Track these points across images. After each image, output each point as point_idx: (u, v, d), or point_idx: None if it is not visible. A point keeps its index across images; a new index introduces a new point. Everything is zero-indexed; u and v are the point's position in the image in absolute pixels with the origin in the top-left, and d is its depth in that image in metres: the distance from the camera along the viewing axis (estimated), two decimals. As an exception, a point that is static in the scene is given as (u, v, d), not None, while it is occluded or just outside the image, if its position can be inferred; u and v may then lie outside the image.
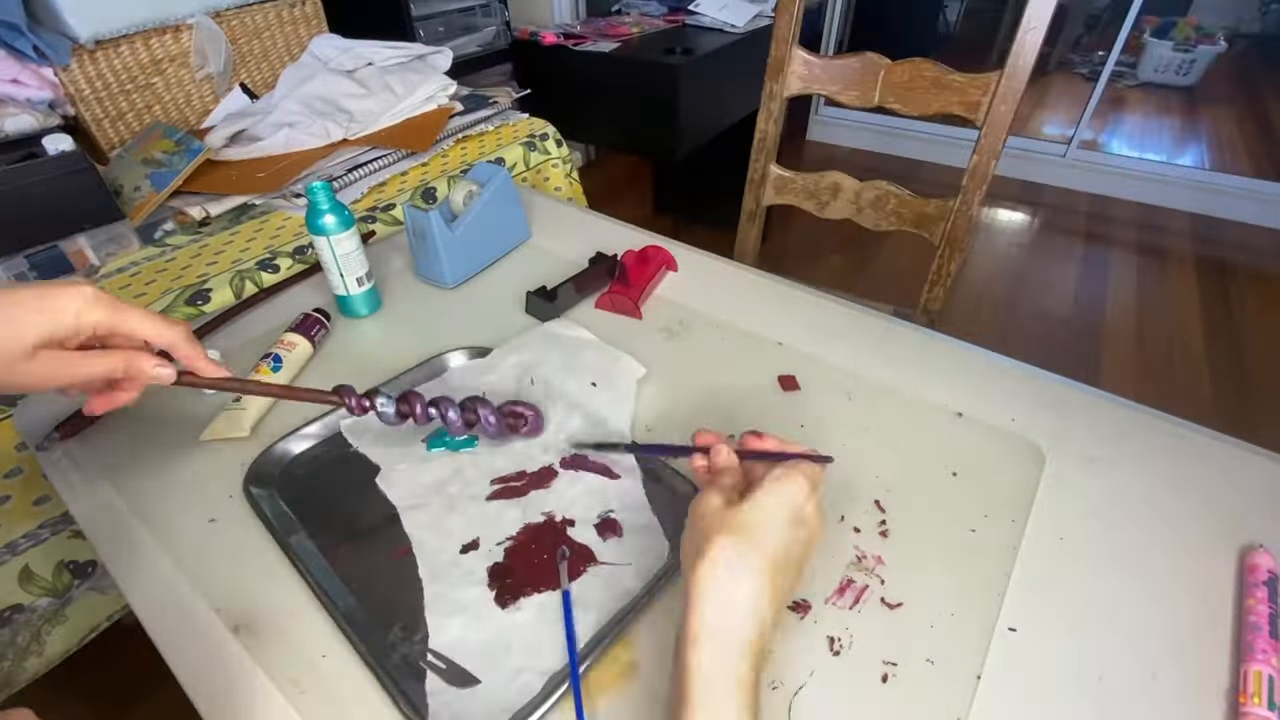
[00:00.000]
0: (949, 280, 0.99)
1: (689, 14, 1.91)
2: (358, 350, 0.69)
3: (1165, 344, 1.80)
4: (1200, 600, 0.45)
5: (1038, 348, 1.80)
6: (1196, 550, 0.48)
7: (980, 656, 0.41)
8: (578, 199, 1.27)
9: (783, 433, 0.57)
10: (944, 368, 0.65)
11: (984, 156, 0.88)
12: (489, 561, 0.47)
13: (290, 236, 0.88)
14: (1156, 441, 0.57)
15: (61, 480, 0.55)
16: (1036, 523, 0.50)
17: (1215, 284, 2.05)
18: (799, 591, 0.44)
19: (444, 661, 0.41)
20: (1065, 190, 2.61)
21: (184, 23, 1.06)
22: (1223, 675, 0.41)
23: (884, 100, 0.95)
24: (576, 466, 0.54)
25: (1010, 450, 0.56)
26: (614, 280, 0.75)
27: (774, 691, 0.40)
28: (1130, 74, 3.42)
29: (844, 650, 0.42)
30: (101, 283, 0.79)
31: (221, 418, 0.58)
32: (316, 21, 1.25)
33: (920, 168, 2.81)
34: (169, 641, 0.43)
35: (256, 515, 0.51)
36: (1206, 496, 0.52)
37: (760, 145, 1.05)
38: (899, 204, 0.99)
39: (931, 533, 0.49)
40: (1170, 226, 2.37)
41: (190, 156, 0.89)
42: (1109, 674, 0.41)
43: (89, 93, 0.98)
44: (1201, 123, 3.06)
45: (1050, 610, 0.44)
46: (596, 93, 1.71)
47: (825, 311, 0.73)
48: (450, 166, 1.07)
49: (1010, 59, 0.82)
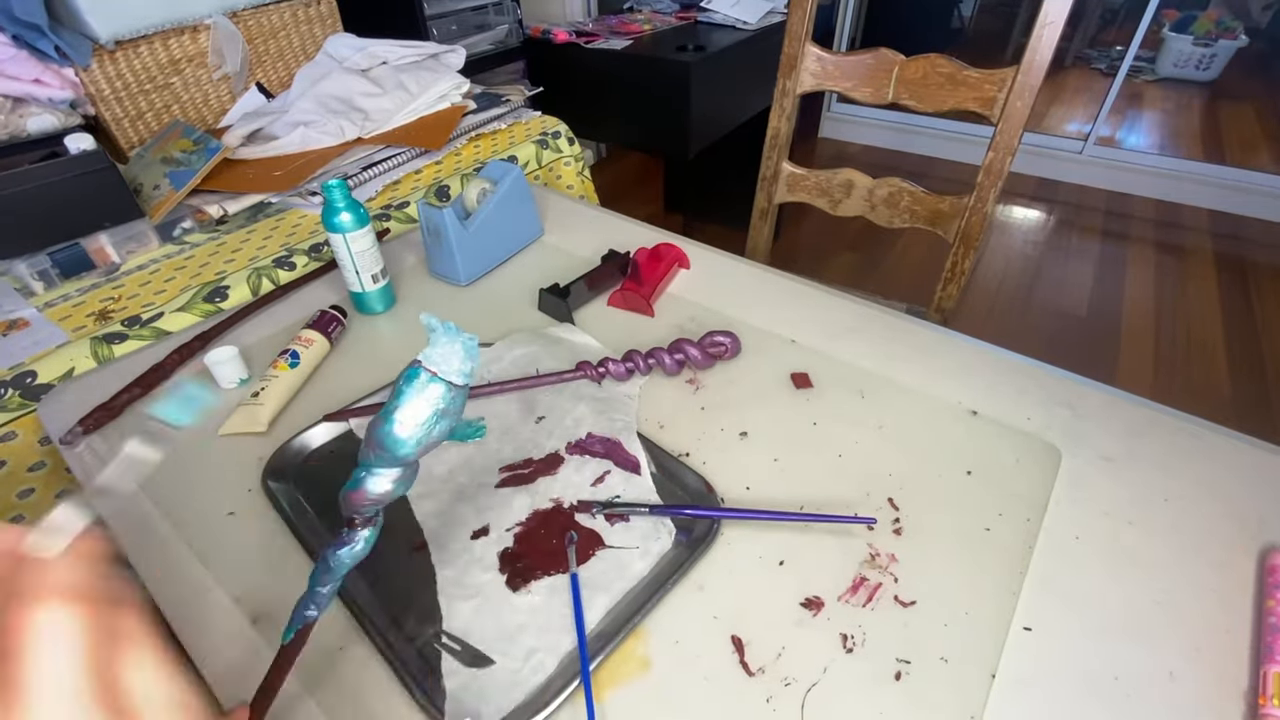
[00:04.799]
0: (963, 278, 0.98)
1: (701, 11, 1.90)
2: (374, 347, 0.70)
3: (1183, 342, 1.78)
4: (1219, 601, 0.44)
5: (1053, 346, 1.78)
6: (1215, 550, 0.47)
7: (995, 656, 0.41)
8: (590, 197, 1.27)
9: (796, 431, 0.57)
10: (958, 365, 0.64)
11: (999, 153, 0.87)
12: (499, 547, 0.48)
13: (306, 234, 0.89)
14: (1174, 441, 0.56)
15: (84, 474, 0.56)
16: (1052, 522, 0.49)
17: (1235, 282, 2.02)
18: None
19: (459, 644, 0.42)
20: (1082, 187, 2.57)
21: (202, 23, 1.07)
22: (1242, 677, 0.40)
23: (898, 97, 0.94)
24: (583, 452, 0.55)
25: (1025, 449, 0.55)
26: (626, 278, 0.76)
27: (787, 689, 0.40)
28: (1149, 69, 3.37)
29: (857, 648, 0.42)
30: (122, 280, 0.80)
31: (239, 412, 0.59)
32: (331, 21, 1.25)
33: (934, 165, 2.78)
34: (189, 631, 0.44)
35: (275, 508, 0.51)
36: (1226, 497, 0.51)
37: (773, 142, 1.05)
38: (913, 201, 0.98)
39: (946, 531, 0.49)
40: (1189, 224, 2.34)
41: (208, 155, 0.90)
42: (1125, 674, 0.40)
43: (109, 93, 1.00)
44: (1221, 118, 3.00)
45: (1066, 610, 0.44)
46: (608, 90, 1.71)
47: (838, 309, 0.73)
48: (463, 165, 1.08)
49: (1026, 54, 0.81)
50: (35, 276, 0.77)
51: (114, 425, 0.60)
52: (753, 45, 1.76)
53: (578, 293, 0.73)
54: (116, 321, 0.73)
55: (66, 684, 0.19)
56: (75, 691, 0.19)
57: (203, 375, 0.65)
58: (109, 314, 0.74)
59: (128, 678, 0.20)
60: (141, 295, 0.77)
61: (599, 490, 0.52)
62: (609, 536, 0.48)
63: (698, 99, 1.59)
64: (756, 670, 0.41)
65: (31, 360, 0.67)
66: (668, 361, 0.62)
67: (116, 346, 0.71)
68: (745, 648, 0.42)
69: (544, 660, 0.41)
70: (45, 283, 0.78)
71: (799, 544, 0.48)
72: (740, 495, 0.52)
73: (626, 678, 0.40)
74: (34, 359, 0.67)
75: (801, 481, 0.53)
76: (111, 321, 0.73)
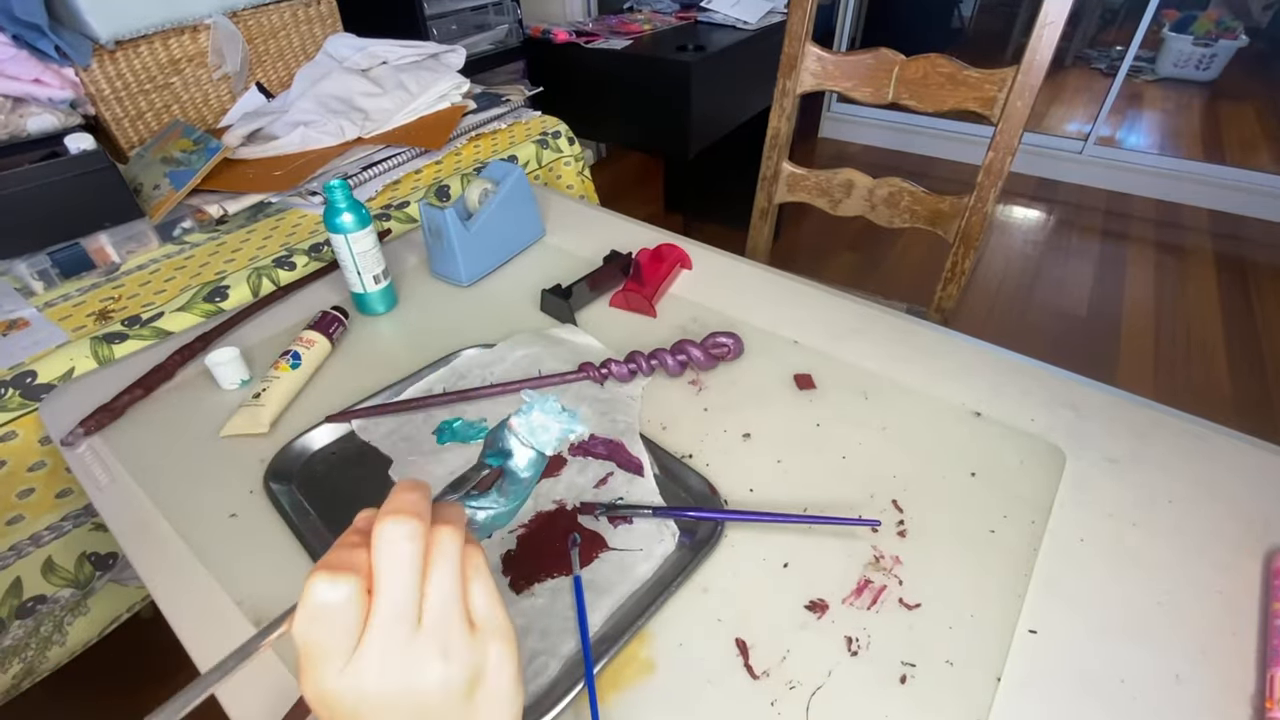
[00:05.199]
0: (963, 278, 0.98)
1: (701, 11, 1.90)
2: (376, 347, 0.70)
3: (1184, 342, 1.78)
4: (1225, 603, 0.44)
5: (1053, 346, 1.78)
6: (1220, 553, 0.47)
7: (1000, 658, 0.41)
8: (590, 197, 1.27)
9: (800, 432, 0.57)
10: (961, 366, 0.64)
11: (999, 153, 0.87)
12: (503, 549, 0.48)
13: (306, 234, 0.88)
14: (1179, 443, 0.56)
15: (84, 473, 0.56)
16: (1057, 524, 0.49)
17: (1235, 282, 2.02)
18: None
19: None
20: (1082, 187, 2.57)
21: (202, 23, 1.07)
22: (1248, 680, 0.40)
23: (898, 97, 0.94)
24: (586, 453, 0.54)
25: (1029, 451, 0.55)
26: (628, 278, 0.75)
27: (791, 692, 0.40)
28: (1149, 69, 3.37)
29: (862, 650, 0.42)
30: (122, 280, 0.80)
31: (240, 414, 0.59)
32: (331, 21, 1.25)
33: (935, 165, 2.78)
34: (191, 633, 0.44)
35: (277, 510, 0.51)
36: (1230, 499, 0.51)
37: (773, 142, 1.05)
38: (913, 201, 0.98)
39: (950, 533, 0.49)
40: (1189, 223, 2.34)
41: (208, 155, 0.90)
42: (1130, 677, 0.40)
43: (109, 92, 1.00)
44: (1222, 118, 3.00)
45: (1071, 612, 0.44)
46: (608, 90, 1.71)
47: (840, 309, 0.73)
48: (464, 165, 1.07)
49: (1027, 54, 0.81)
50: (35, 276, 0.77)
51: (114, 426, 0.60)
52: (753, 45, 1.76)
53: (580, 293, 0.73)
54: (117, 321, 0.72)
55: (447, 587, 0.24)
56: (450, 595, 0.24)
57: (204, 376, 0.64)
58: (109, 314, 0.74)
59: (472, 594, 0.25)
60: (142, 295, 0.77)
61: (602, 492, 0.52)
62: (612, 539, 0.48)
63: (698, 99, 1.58)
64: (761, 673, 0.40)
65: (31, 360, 0.67)
66: (670, 363, 0.62)
67: (117, 346, 0.70)
68: (750, 651, 0.42)
69: (547, 663, 0.40)
70: (45, 282, 0.78)
71: (803, 546, 0.48)
72: (744, 497, 0.52)
73: (630, 681, 0.40)
74: (34, 359, 0.67)
75: (805, 483, 0.53)
76: (112, 321, 0.73)
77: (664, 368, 0.62)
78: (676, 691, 0.40)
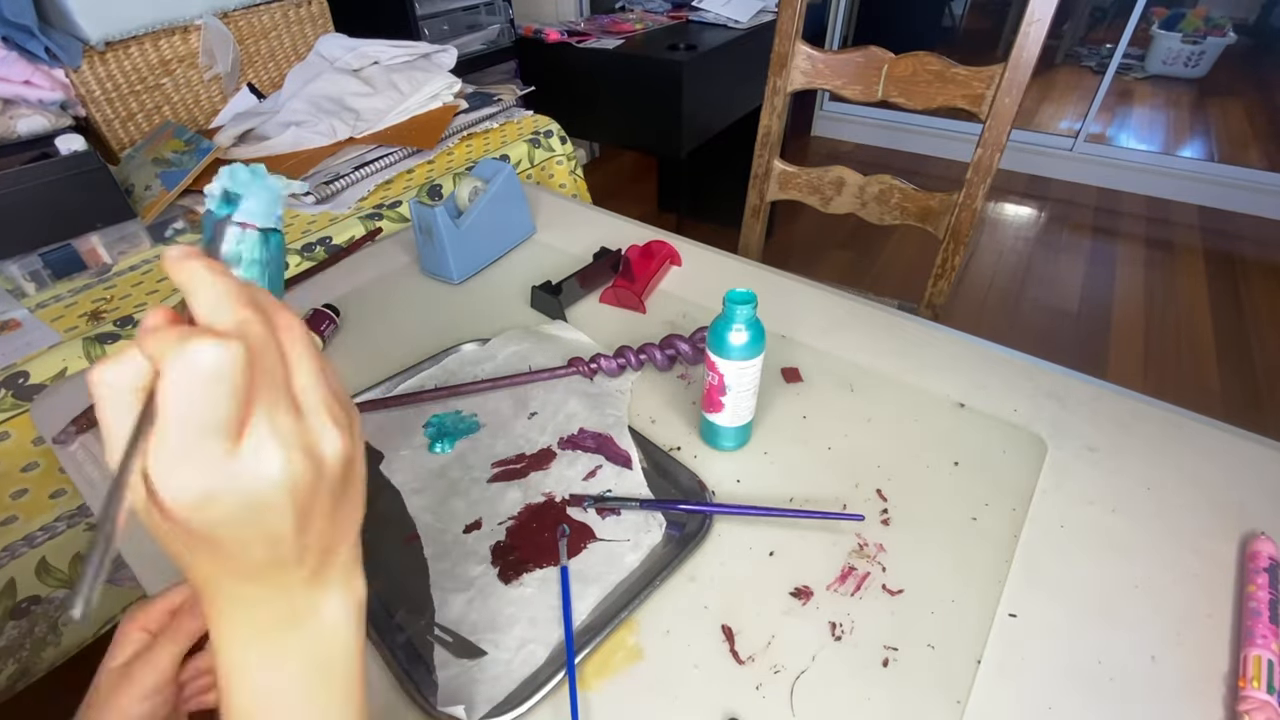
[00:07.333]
0: (953, 274, 0.99)
1: (692, 10, 1.90)
2: (367, 346, 0.70)
3: (1173, 338, 1.79)
4: (1201, 587, 0.45)
5: (1044, 342, 1.79)
6: (1197, 538, 0.48)
7: (981, 642, 0.42)
8: (582, 195, 1.28)
9: (786, 424, 0.58)
10: (946, 359, 0.65)
11: (988, 149, 0.88)
12: (492, 540, 0.48)
13: (297, 234, 0.89)
14: (1158, 431, 0.57)
15: (77, 471, 0.56)
16: (1037, 511, 0.50)
17: (1224, 277, 2.04)
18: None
19: (451, 635, 0.42)
20: (1072, 184, 2.59)
21: (192, 24, 1.07)
22: (1223, 660, 0.41)
23: (887, 94, 0.95)
24: (575, 447, 0.55)
25: (1012, 440, 0.56)
26: (618, 275, 0.76)
27: (776, 676, 0.40)
28: (1138, 66, 3.39)
29: (845, 635, 0.42)
30: (114, 280, 0.80)
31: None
32: (322, 21, 1.26)
33: (926, 162, 2.80)
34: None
35: (268, 505, 0.51)
36: (1208, 484, 0.52)
37: (764, 141, 1.06)
38: (903, 198, 0.99)
39: (933, 521, 0.49)
40: (1178, 220, 2.36)
41: (200, 156, 0.91)
42: (1108, 659, 0.41)
43: (100, 94, 1.00)
44: (1210, 115, 3.03)
45: (1050, 596, 0.44)
46: (600, 90, 1.71)
47: (828, 304, 0.74)
48: (455, 164, 1.08)
49: (1014, 51, 0.82)
50: (27, 277, 0.77)
51: (107, 424, 0.60)
52: (744, 44, 1.76)
53: (570, 290, 0.73)
54: (109, 322, 0.73)
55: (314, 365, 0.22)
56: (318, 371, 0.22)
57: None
58: (101, 314, 0.74)
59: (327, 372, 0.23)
60: (134, 296, 0.77)
61: (590, 484, 0.52)
62: (600, 530, 0.49)
63: (690, 98, 1.59)
64: (747, 659, 0.41)
65: (24, 361, 0.67)
66: (659, 357, 0.63)
67: (109, 347, 0.71)
68: (735, 637, 0.42)
69: (535, 651, 0.41)
70: (37, 283, 0.78)
71: (788, 535, 0.49)
72: (731, 488, 0.52)
73: (619, 666, 0.41)
74: (26, 359, 0.68)
75: (791, 474, 0.53)
76: (104, 322, 0.73)
77: (653, 362, 0.63)
78: (664, 677, 0.40)
